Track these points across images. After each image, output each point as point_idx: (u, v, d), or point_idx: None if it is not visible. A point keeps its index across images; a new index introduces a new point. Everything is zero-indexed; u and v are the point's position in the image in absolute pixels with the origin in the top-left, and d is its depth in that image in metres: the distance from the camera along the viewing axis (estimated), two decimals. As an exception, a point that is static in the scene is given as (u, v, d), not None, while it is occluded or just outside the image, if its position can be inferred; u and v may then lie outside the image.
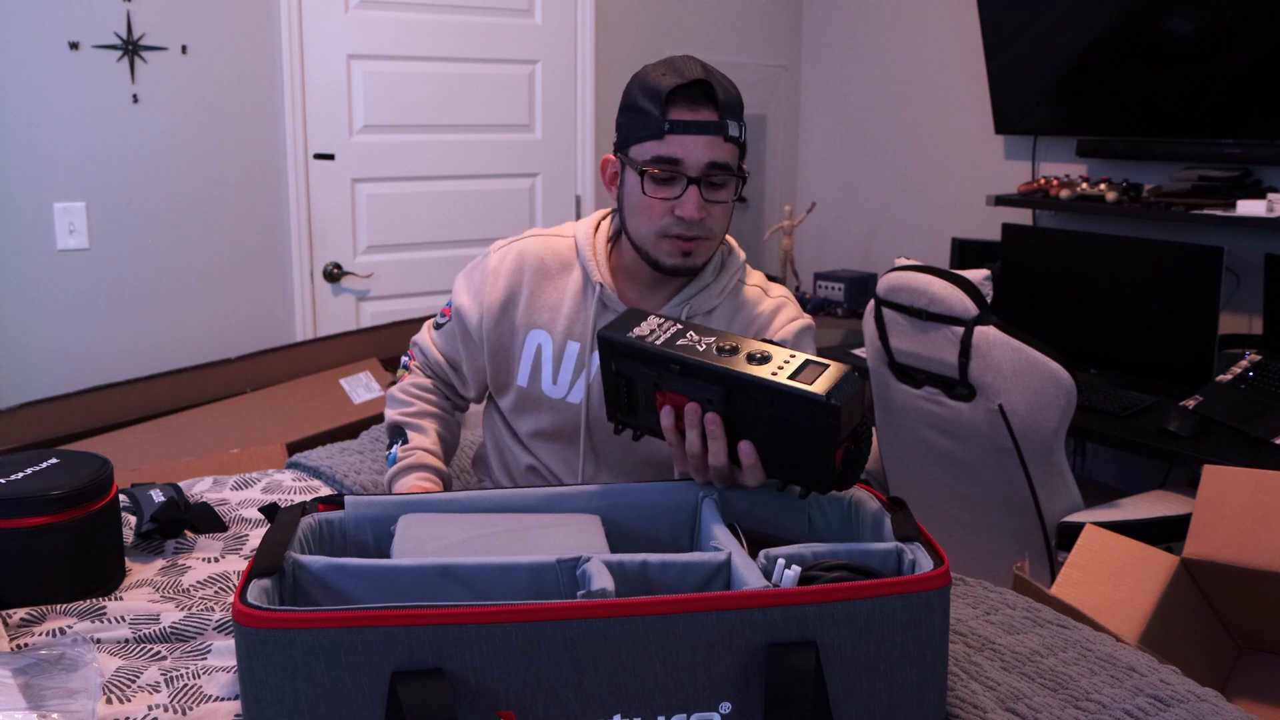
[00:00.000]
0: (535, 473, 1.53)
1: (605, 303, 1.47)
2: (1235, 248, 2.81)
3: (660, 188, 1.37)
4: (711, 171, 1.35)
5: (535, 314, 1.50)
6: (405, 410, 1.57)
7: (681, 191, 1.35)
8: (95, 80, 2.77)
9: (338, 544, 1.18)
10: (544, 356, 1.49)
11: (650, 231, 1.40)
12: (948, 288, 2.23)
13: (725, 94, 1.36)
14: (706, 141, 1.34)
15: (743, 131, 1.39)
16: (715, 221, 1.39)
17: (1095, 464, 3.22)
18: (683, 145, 1.34)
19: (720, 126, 1.35)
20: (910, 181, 3.80)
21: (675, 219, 1.37)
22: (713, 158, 1.35)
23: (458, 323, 1.55)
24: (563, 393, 1.48)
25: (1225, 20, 2.67)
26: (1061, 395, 2.12)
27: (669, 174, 1.35)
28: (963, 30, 3.51)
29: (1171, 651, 1.64)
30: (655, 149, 1.35)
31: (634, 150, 1.39)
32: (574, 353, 1.48)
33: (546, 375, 1.49)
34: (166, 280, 2.95)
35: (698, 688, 0.92)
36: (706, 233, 1.39)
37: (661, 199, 1.37)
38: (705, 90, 1.35)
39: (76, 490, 1.23)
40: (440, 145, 3.32)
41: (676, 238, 1.38)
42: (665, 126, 1.34)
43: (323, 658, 0.87)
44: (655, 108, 1.35)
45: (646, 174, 1.37)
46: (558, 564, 1.00)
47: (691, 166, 1.35)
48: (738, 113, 1.38)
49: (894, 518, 1.09)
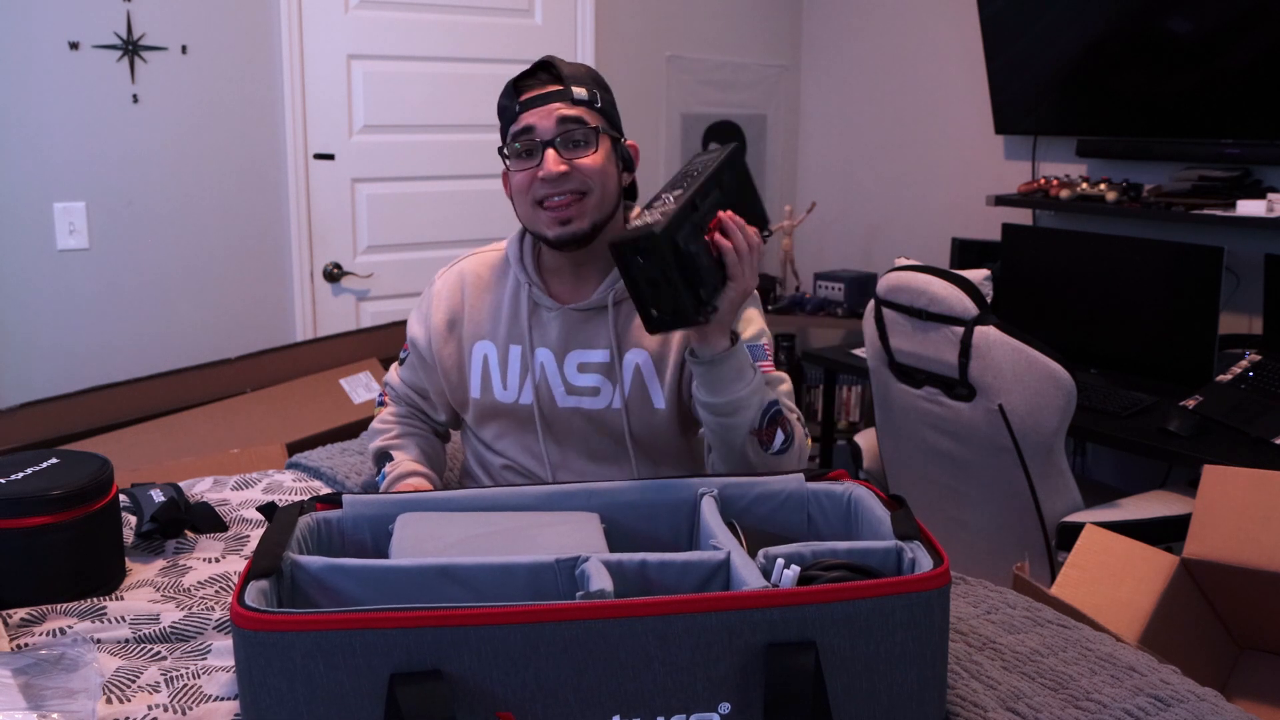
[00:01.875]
0: (512, 470, 1.56)
1: (536, 300, 1.52)
2: (1235, 248, 2.81)
3: (523, 161, 1.44)
4: (564, 129, 1.41)
5: (478, 326, 1.56)
6: (386, 436, 1.63)
7: (540, 157, 1.42)
8: (95, 80, 2.77)
9: (336, 543, 1.18)
10: (491, 364, 1.54)
11: (528, 208, 1.45)
12: (948, 288, 2.23)
13: (570, 69, 1.45)
14: (553, 106, 1.42)
15: (597, 99, 1.45)
16: (587, 176, 1.43)
17: (1095, 464, 3.22)
18: (532, 116, 1.42)
19: (563, 93, 1.43)
20: (910, 181, 3.80)
21: (540, 182, 1.42)
22: (562, 114, 1.41)
23: (414, 353, 1.62)
24: (514, 396, 1.52)
25: (1225, 20, 2.66)
26: (1061, 395, 2.12)
27: (527, 144, 1.42)
28: (963, 30, 3.51)
29: (1171, 651, 1.64)
30: (514, 129, 1.44)
31: (506, 144, 1.46)
32: (517, 355, 1.52)
33: (496, 382, 1.53)
34: (166, 280, 2.95)
35: (697, 688, 0.92)
36: (578, 187, 1.42)
37: (526, 170, 1.43)
38: (546, 68, 1.45)
39: (76, 490, 1.23)
40: (440, 145, 3.32)
41: (549, 204, 1.43)
42: (517, 109, 1.43)
43: (321, 660, 0.87)
44: (509, 99, 1.45)
45: (510, 155, 1.45)
46: (556, 564, 1.00)
47: (543, 131, 1.41)
48: (586, 82, 1.46)
49: (894, 516, 1.09)
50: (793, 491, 1.24)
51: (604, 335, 1.49)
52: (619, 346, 1.49)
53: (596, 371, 1.49)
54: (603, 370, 1.49)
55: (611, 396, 1.49)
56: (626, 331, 1.49)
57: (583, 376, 1.50)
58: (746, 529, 1.18)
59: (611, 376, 1.49)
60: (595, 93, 1.45)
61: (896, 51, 3.79)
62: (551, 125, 1.41)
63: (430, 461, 1.61)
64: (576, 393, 1.50)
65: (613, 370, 1.49)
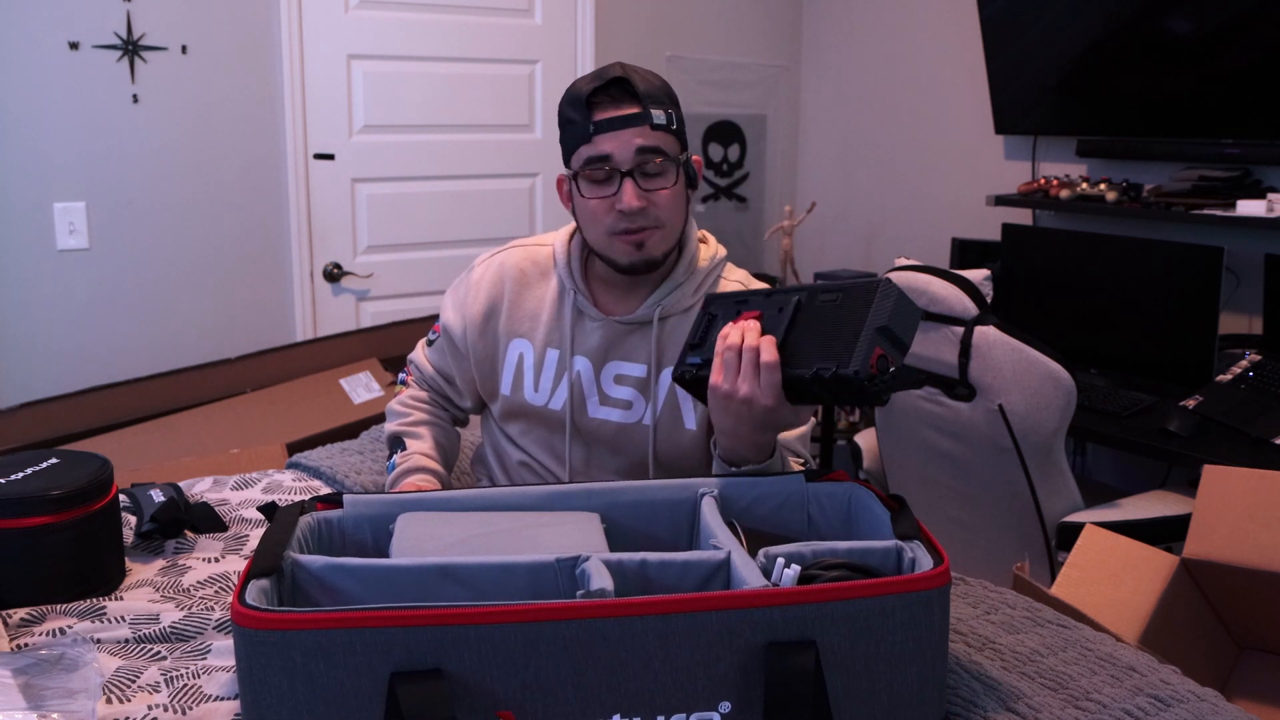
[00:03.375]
0: (528, 468, 1.55)
1: (580, 309, 1.49)
2: (1235, 248, 2.81)
3: (598, 188, 1.39)
4: (643, 160, 1.37)
5: (516, 323, 1.53)
6: (403, 420, 1.61)
7: (618, 187, 1.37)
8: (95, 80, 2.77)
9: (336, 543, 1.18)
10: (525, 365, 1.52)
11: (601, 234, 1.42)
12: (948, 288, 2.23)
13: (646, 85, 1.39)
14: (631, 133, 1.36)
15: (673, 119, 1.40)
16: (662, 209, 1.39)
17: (1095, 464, 3.22)
18: (609, 141, 1.36)
19: (643, 116, 1.37)
20: (910, 181, 3.80)
21: (618, 214, 1.38)
22: (641, 144, 1.36)
23: (445, 338, 1.59)
24: (544, 400, 1.50)
25: (1225, 20, 2.66)
26: (1061, 395, 2.12)
27: (603, 172, 1.38)
28: (963, 30, 3.51)
29: (1171, 651, 1.64)
30: (586, 152, 1.38)
31: (572, 160, 1.41)
32: (553, 360, 1.50)
33: (529, 383, 1.51)
34: (166, 280, 2.95)
35: (697, 687, 0.92)
36: (654, 221, 1.40)
37: (601, 199, 1.39)
38: (623, 86, 1.38)
39: (76, 490, 1.23)
40: (440, 145, 3.32)
41: (624, 233, 1.39)
42: (591, 129, 1.37)
43: (321, 658, 0.87)
44: (580, 115, 1.38)
45: (582, 178, 1.40)
46: (556, 563, 1.00)
47: (622, 160, 1.37)
48: (663, 101, 1.40)
49: (894, 516, 1.09)
50: (793, 491, 1.24)
51: (644, 349, 1.47)
52: (658, 363, 1.47)
53: (632, 385, 1.47)
54: (638, 385, 1.47)
55: (644, 412, 1.47)
56: (667, 348, 1.47)
57: (618, 389, 1.48)
58: (746, 529, 1.18)
59: (646, 392, 1.47)
60: (671, 112, 1.40)
61: (896, 51, 3.79)
62: (630, 155, 1.36)
63: (444, 454, 1.59)
64: (609, 404, 1.48)
65: (648, 386, 1.47)
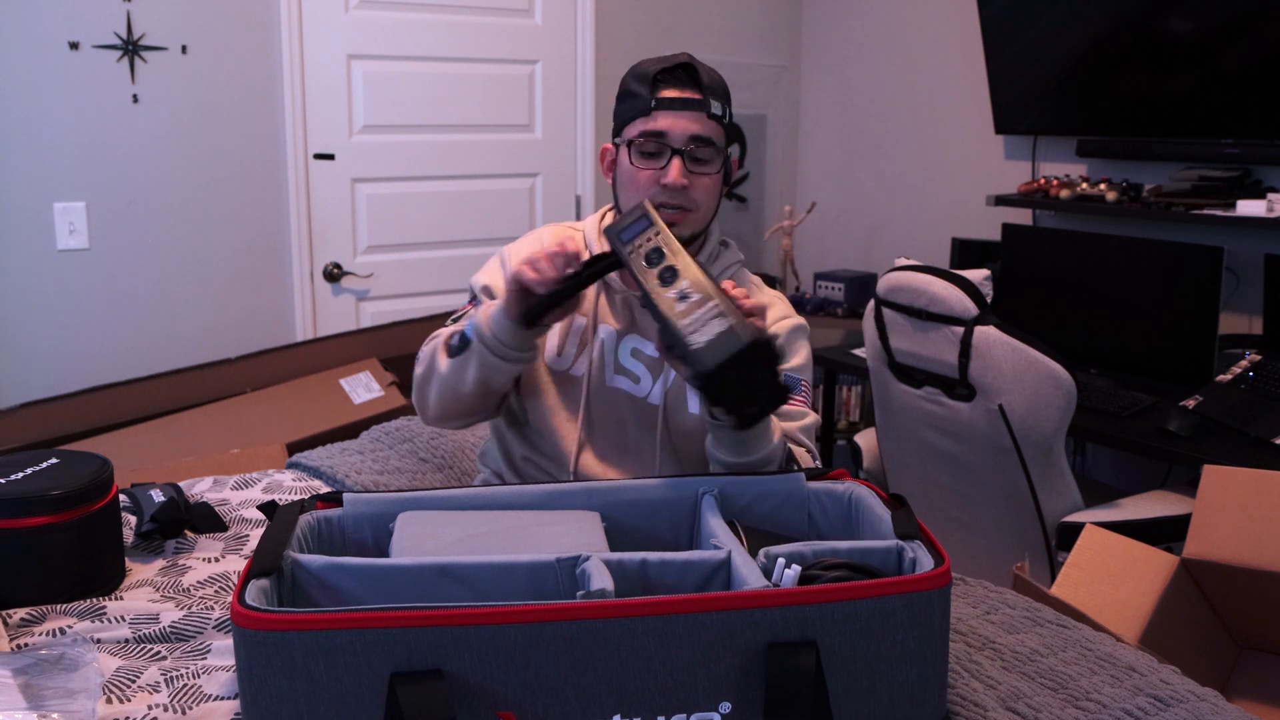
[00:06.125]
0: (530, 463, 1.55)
1: (608, 281, 1.52)
2: (1235, 248, 2.81)
3: (647, 160, 1.45)
4: (695, 145, 1.43)
5: None
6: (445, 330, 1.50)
7: (666, 162, 1.43)
8: (95, 80, 2.76)
9: (336, 542, 1.18)
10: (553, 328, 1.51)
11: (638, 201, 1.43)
12: (948, 288, 2.23)
13: (709, 78, 1.46)
14: (690, 116, 1.43)
15: (727, 113, 1.47)
16: (700, 194, 1.45)
17: (1095, 464, 3.22)
18: (668, 119, 1.43)
19: (703, 104, 1.44)
20: (910, 181, 3.80)
21: (661, 188, 1.43)
22: (696, 131, 1.43)
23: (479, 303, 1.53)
24: (566, 365, 1.52)
25: (1225, 20, 2.66)
26: (1061, 395, 2.12)
27: (655, 146, 1.44)
28: (963, 30, 3.51)
29: (1171, 651, 1.64)
30: (643, 125, 1.44)
31: (626, 130, 1.47)
32: (579, 327, 1.52)
33: (552, 345, 1.53)
34: (166, 280, 2.95)
35: (697, 688, 0.92)
36: (691, 204, 1.45)
37: (649, 169, 1.44)
38: (689, 72, 1.45)
39: (76, 490, 1.23)
40: (440, 145, 3.32)
41: (662, 207, 1.43)
42: (652, 104, 1.44)
43: (322, 659, 0.87)
44: (644, 89, 1.45)
45: (634, 146, 1.45)
46: (557, 563, 1.00)
47: (676, 139, 1.43)
48: (721, 96, 1.47)
49: (894, 515, 1.09)
50: (793, 491, 1.24)
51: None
52: None
53: (645, 362, 1.51)
54: (650, 364, 1.50)
55: (650, 389, 1.50)
56: None
57: (633, 362, 1.51)
58: (747, 528, 1.18)
59: (656, 371, 1.50)
60: (727, 109, 1.47)
61: (896, 52, 3.79)
62: (685, 136, 1.42)
63: None
64: (622, 373, 1.51)
65: (659, 366, 1.50)
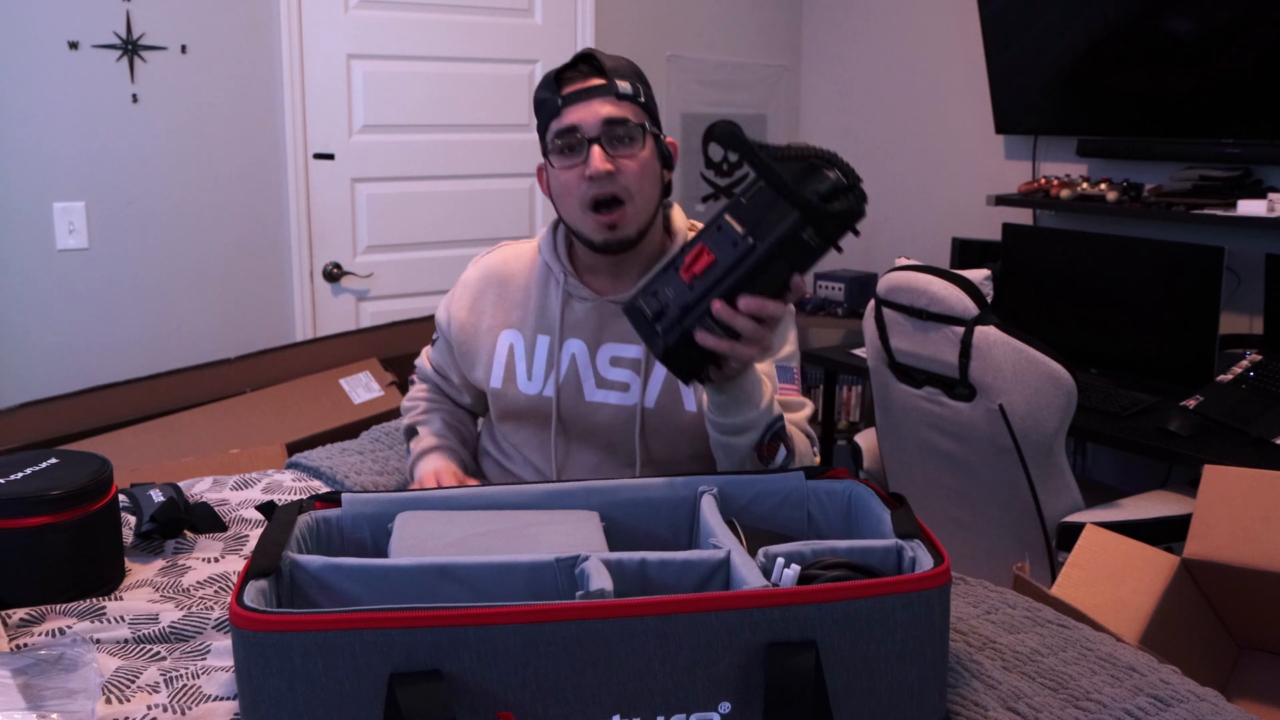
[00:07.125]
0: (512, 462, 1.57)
1: (569, 291, 1.50)
2: (1236, 248, 2.81)
3: (568, 158, 1.41)
4: (609, 128, 1.39)
5: (505, 315, 1.55)
6: (413, 413, 1.67)
7: (585, 154, 1.39)
8: (95, 80, 2.77)
9: (335, 542, 1.18)
10: (517, 354, 1.53)
11: (575, 209, 1.43)
12: (948, 287, 2.23)
13: (612, 62, 1.43)
14: (598, 102, 1.39)
15: (639, 92, 1.43)
16: (629, 178, 1.40)
17: (1095, 464, 3.22)
18: (576, 112, 1.39)
19: (608, 87, 1.40)
20: (910, 181, 3.80)
21: (588, 183, 1.39)
22: (607, 114, 1.39)
23: (441, 337, 1.64)
24: (537, 388, 1.51)
25: (1225, 20, 2.66)
26: (1062, 395, 2.12)
27: (571, 141, 1.40)
28: (963, 30, 3.50)
29: (1171, 651, 1.64)
30: (556, 126, 1.41)
31: (546, 139, 1.44)
32: (544, 345, 1.51)
33: (521, 372, 1.52)
34: (166, 280, 2.95)
35: (697, 688, 0.91)
36: (624, 191, 1.40)
37: (571, 168, 1.41)
38: (589, 62, 1.42)
39: (76, 490, 1.23)
40: (440, 145, 3.32)
41: (595, 209, 1.40)
42: (560, 103, 1.41)
43: (320, 660, 0.87)
44: (550, 93, 1.42)
45: (553, 152, 1.42)
46: (556, 563, 0.99)
47: (589, 128, 1.39)
48: (629, 75, 1.43)
49: (894, 514, 1.09)
50: (793, 489, 1.23)
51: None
52: None
53: (628, 367, 1.47)
54: (634, 366, 1.47)
55: (643, 393, 1.47)
56: None
57: (615, 370, 1.48)
58: (746, 527, 1.18)
59: (640, 371, 1.47)
60: (639, 86, 1.43)
61: (896, 51, 3.79)
62: (596, 122, 1.38)
63: (455, 431, 1.64)
64: (606, 386, 1.48)
65: (642, 364, 1.47)
